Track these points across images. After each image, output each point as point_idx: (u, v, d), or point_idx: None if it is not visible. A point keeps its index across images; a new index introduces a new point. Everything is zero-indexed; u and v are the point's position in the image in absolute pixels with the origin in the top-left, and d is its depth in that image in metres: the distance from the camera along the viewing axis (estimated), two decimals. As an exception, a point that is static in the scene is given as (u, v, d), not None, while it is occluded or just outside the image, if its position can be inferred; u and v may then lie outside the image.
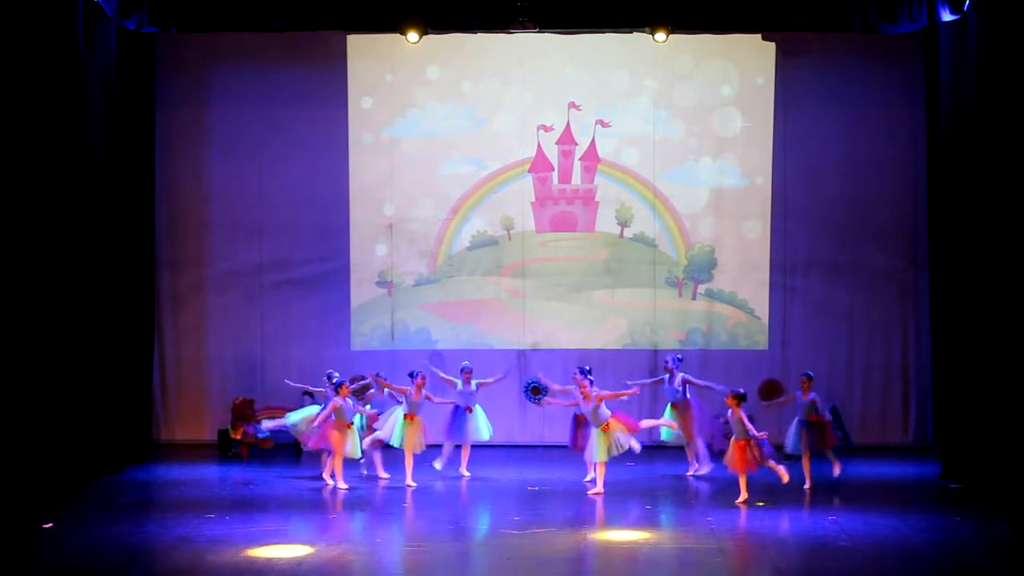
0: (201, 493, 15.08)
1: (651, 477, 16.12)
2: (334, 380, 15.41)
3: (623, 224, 18.61)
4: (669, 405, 16.21)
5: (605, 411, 14.93)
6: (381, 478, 15.72)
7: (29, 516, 13.44)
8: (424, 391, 15.65)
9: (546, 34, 17.69)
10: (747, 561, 12.34)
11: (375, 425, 15.91)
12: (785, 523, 13.49)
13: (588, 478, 15.44)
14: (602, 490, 14.86)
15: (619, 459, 15.23)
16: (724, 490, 15.17)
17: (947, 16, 15.43)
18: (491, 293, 18.70)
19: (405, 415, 15.59)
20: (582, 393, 14.97)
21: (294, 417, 15.98)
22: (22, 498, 13.76)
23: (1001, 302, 14.51)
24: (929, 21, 15.74)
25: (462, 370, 16.23)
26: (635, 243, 18.60)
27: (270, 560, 11.89)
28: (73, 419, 15.02)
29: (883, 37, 17.31)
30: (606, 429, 14.85)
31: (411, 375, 15.75)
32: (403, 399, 15.74)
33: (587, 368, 15.52)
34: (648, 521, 13.89)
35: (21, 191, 14.12)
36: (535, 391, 18.47)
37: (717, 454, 16.02)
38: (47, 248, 14.49)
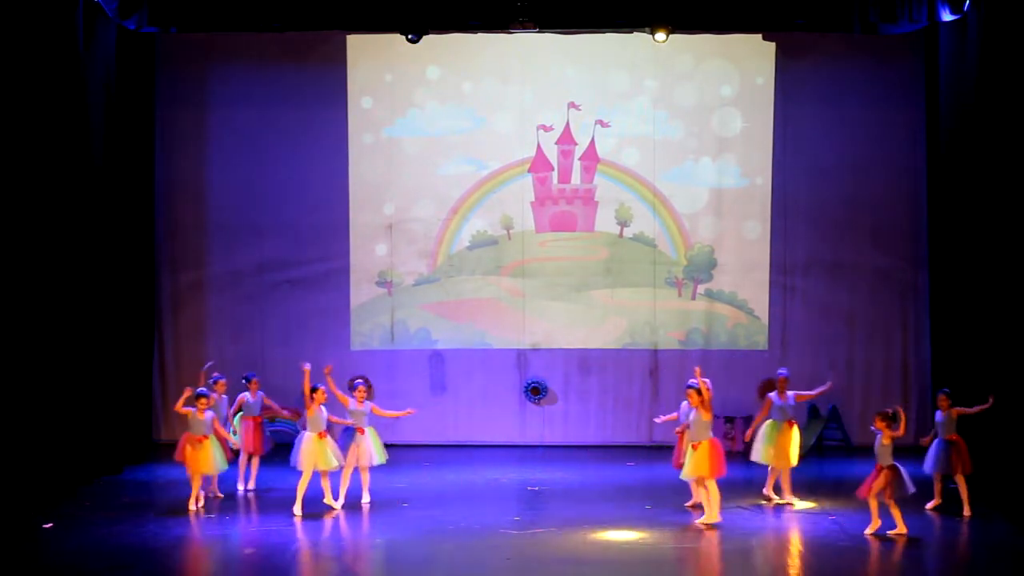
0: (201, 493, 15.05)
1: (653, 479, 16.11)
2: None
3: (623, 224, 18.60)
4: (772, 424, 14.40)
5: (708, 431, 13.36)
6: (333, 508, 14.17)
7: (29, 516, 13.44)
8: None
9: (546, 34, 17.69)
10: (748, 561, 12.33)
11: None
12: (785, 523, 13.49)
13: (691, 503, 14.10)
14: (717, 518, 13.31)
15: (620, 458, 15.17)
16: (724, 489, 15.18)
17: (947, 16, 15.44)
18: (491, 293, 18.68)
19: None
20: (703, 402, 13.24)
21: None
22: (22, 498, 13.76)
23: (1001, 302, 14.50)
24: (929, 21, 15.75)
25: (356, 387, 14.13)
26: (635, 243, 18.59)
27: (271, 560, 11.89)
28: (73, 419, 15.03)
29: (883, 37, 17.29)
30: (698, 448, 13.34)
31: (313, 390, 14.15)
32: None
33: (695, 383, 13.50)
34: (648, 521, 13.87)
35: (21, 192, 14.13)
36: (535, 391, 18.51)
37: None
38: (47, 249, 14.49)
